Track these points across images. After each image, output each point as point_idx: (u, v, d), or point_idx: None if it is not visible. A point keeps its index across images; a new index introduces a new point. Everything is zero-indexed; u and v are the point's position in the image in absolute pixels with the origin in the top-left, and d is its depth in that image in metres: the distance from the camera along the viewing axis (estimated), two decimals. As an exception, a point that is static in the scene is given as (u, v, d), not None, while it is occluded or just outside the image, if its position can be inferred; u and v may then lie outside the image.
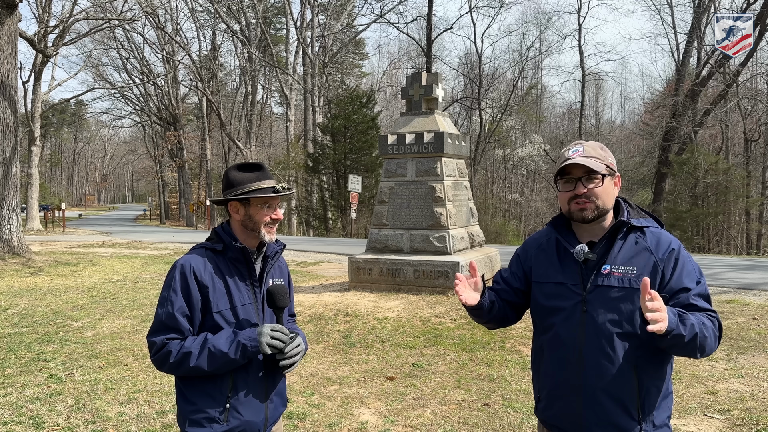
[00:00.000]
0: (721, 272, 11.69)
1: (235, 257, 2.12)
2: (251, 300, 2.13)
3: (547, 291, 2.02)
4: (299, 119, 41.75)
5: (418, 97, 9.83)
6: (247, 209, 2.13)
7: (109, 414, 4.58)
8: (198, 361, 1.98)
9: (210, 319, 2.06)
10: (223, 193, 2.18)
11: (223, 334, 2.02)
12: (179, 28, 39.50)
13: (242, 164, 2.19)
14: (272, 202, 2.15)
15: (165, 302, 2.05)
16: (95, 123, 75.16)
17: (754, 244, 27.38)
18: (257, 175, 2.15)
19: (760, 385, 5.10)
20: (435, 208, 9.21)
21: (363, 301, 8.34)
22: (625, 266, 1.90)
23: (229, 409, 2.05)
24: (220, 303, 2.07)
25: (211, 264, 2.10)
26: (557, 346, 1.98)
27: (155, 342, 2.03)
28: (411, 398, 4.87)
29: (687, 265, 1.92)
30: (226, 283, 2.09)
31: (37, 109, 30.13)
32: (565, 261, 1.99)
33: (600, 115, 58.22)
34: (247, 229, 2.15)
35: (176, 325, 2.03)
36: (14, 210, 14.36)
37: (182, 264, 2.08)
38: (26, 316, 8.28)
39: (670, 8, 30.55)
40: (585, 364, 1.91)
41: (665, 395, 1.94)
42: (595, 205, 1.93)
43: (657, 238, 1.95)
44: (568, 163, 1.94)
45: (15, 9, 14.23)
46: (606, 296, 1.89)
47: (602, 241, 1.95)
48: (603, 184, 1.94)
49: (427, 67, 33.36)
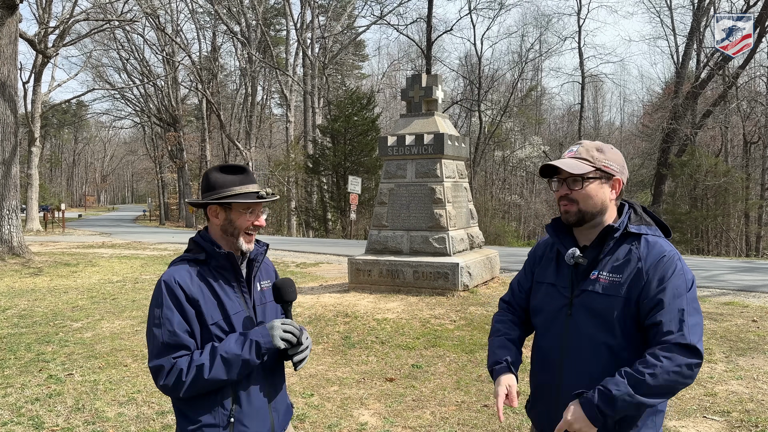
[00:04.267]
0: (720, 274, 11.70)
1: (220, 265, 2.00)
2: (242, 307, 2.02)
3: (541, 291, 2.02)
4: (299, 120, 41.78)
5: (418, 98, 9.84)
6: (228, 214, 2.01)
7: (108, 414, 4.58)
8: (213, 371, 1.85)
9: (206, 333, 1.93)
10: (202, 195, 2.05)
11: (231, 338, 1.92)
12: (179, 29, 39.56)
13: (225, 166, 2.06)
14: (255, 207, 2.03)
15: (161, 321, 1.89)
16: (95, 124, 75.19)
17: (753, 247, 27.39)
18: (240, 179, 2.02)
19: (759, 387, 5.11)
20: (435, 209, 9.22)
21: (363, 303, 8.34)
22: (612, 273, 1.85)
23: (233, 423, 1.95)
24: (214, 314, 1.95)
25: (196, 275, 1.97)
26: (542, 347, 2.00)
27: (162, 365, 1.86)
28: (410, 399, 4.88)
29: (673, 279, 1.79)
30: (215, 293, 1.97)
31: (37, 110, 30.13)
32: (561, 264, 1.98)
33: (599, 117, 58.35)
34: (227, 235, 2.03)
35: (180, 342, 1.88)
36: (14, 210, 14.36)
37: (167, 280, 1.94)
38: (26, 317, 8.28)
39: (670, 11, 30.60)
40: (564, 368, 1.89)
41: (651, 412, 1.84)
42: (576, 209, 1.89)
43: (651, 246, 1.85)
44: (547, 163, 1.94)
45: (15, 10, 14.24)
46: (590, 302, 1.85)
47: (592, 246, 1.92)
48: (585, 187, 1.88)
49: (426, 68, 33.39)
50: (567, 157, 1.94)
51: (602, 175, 1.90)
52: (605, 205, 1.91)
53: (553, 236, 2.01)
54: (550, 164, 1.93)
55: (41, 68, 29.73)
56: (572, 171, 1.87)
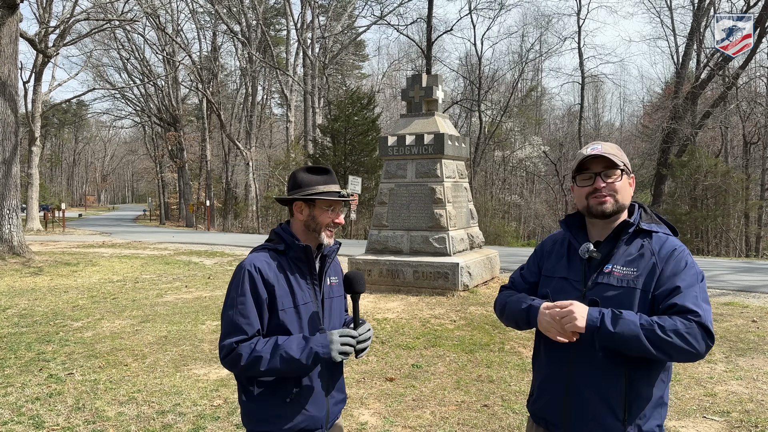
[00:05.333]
0: (720, 275, 11.71)
1: (297, 256, 2.16)
2: (312, 298, 2.16)
3: (552, 285, 2.06)
4: (299, 120, 41.79)
5: (419, 98, 9.84)
6: (311, 210, 2.18)
7: (108, 414, 4.59)
8: (270, 365, 1.99)
9: (275, 317, 2.09)
10: (288, 192, 2.22)
11: (294, 340, 2.04)
12: (180, 29, 39.56)
13: (311, 167, 2.23)
14: (336, 206, 2.19)
15: (234, 303, 2.07)
16: (95, 123, 75.25)
17: (753, 247, 27.40)
18: (324, 179, 2.19)
19: (759, 387, 5.11)
20: (435, 209, 9.22)
21: (363, 302, 8.35)
22: (626, 267, 1.91)
23: (293, 405, 2.09)
24: (285, 301, 2.10)
25: (274, 263, 2.13)
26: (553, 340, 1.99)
27: (225, 346, 2.04)
28: (410, 399, 4.88)
29: (687, 270, 1.88)
30: (289, 281, 2.13)
31: (37, 110, 30.13)
32: (573, 258, 2.04)
33: (599, 117, 58.36)
34: (309, 230, 2.19)
35: (246, 327, 2.04)
36: (14, 210, 14.36)
37: (249, 264, 2.11)
38: (26, 316, 8.28)
39: (670, 11, 30.59)
40: (576, 359, 1.93)
41: (658, 404, 1.92)
42: (614, 199, 1.95)
43: (663, 242, 1.96)
44: (590, 154, 1.97)
45: (16, 9, 14.25)
46: (604, 294, 1.91)
47: (607, 241, 1.99)
48: (622, 179, 1.96)
49: (427, 68, 33.39)
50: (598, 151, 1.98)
51: (627, 172, 2.00)
52: (629, 202, 2.02)
53: (566, 231, 2.09)
54: (597, 155, 1.96)
55: (42, 68, 29.74)
56: (617, 162, 1.94)
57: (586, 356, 1.91)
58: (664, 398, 1.94)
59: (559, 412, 1.96)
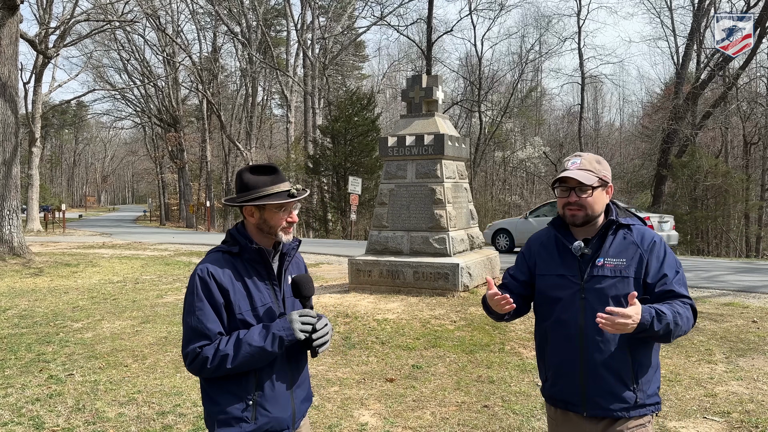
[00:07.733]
0: (720, 275, 11.70)
1: (253, 258, 2.11)
2: (272, 299, 2.12)
3: (550, 282, 2.30)
4: (299, 121, 41.79)
5: (419, 99, 9.84)
6: (262, 213, 2.11)
7: (109, 415, 4.59)
8: (236, 361, 1.98)
9: (233, 322, 2.05)
10: (236, 195, 2.16)
11: (255, 330, 2.02)
12: (180, 29, 39.60)
13: (256, 166, 2.15)
14: (287, 206, 2.12)
15: (192, 309, 2.04)
16: (96, 124, 75.19)
17: (753, 247, 27.39)
18: (272, 179, 2.12)
19: (759, 387, 5.11)
20: (435, 210, 9.22)
21: (363, 303, 8.35)
22: (616, 258, 2.21)
23: (255, 407, 2.06)
24: (242, 305, 2.06)
25: (228, 267, 2.09)
26: (561, 330, 2.25)
27: (189, 352, 2.02)
28: (411, 400, 4.88)
29: (668, 257, 2.22)
30: (245, 284, 2.08)
31: (37, 110, 30.14)
32: (565, 256, 2.29)
33: (599, 118, 58.31)
34: (263, 232, 2.14)
35: (207, 331, 2.01)
36: (14, 211, 14.36)
37: (200, 270, 2.07)
38: (26, 317, 8.29)
39: (670, 11, 30.62)
40: (586, 344, 2.20)
41: (655, 368, 2.24)
42: (584, 213, 2.24)
43: (642, 233, 2.26)
44: (563, 175, 2.25)
45: (16, 10, 14.26)
46: (601, 284, 2.20)
47: (596, 238, 2.26)
48: (593, 195, 2.23)
49: (427, 69, 33.40)
50: (574, 169, 2.25)
51: (602, 184, 2.26)
52: (603, 208, 2.30)
53: (556, 232, 2.35)
54: (569, 176, 2.23)
55: (42, 69, 29.74)
56: (586, 182, 2.21)
57: (593, 341, 2.18)
58: (657, 363, 2.27)
59: (579, 392, 2.21)
